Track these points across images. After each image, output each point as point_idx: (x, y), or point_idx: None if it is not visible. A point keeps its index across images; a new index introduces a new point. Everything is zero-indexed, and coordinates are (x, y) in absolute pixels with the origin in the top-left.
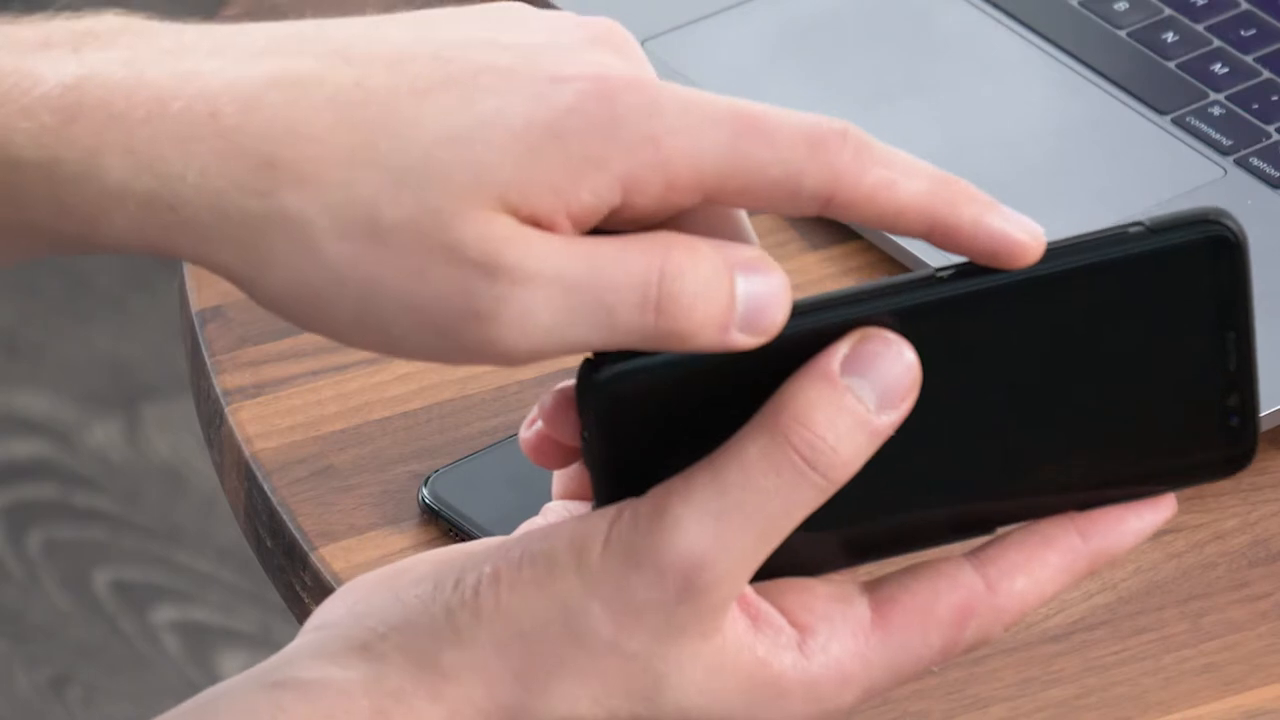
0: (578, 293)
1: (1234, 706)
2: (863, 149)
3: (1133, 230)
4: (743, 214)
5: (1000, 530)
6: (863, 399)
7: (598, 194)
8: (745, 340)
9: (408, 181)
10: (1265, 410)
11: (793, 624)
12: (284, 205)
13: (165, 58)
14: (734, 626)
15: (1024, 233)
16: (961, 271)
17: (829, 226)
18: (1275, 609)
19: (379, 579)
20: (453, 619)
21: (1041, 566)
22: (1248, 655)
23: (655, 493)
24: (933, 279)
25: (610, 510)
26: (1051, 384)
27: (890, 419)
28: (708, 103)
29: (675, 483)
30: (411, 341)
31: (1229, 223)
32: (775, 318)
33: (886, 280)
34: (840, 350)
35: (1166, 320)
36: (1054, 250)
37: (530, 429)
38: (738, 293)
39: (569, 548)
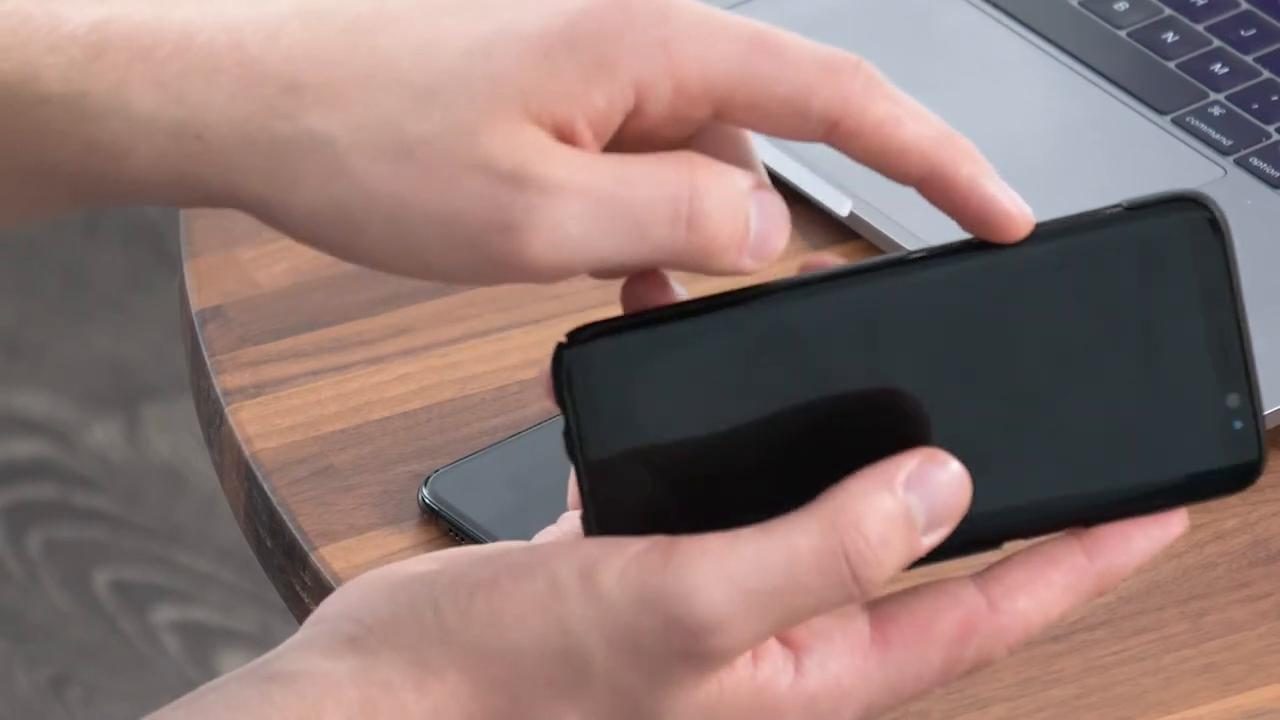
0: (608, 205)
1: (1234, 706)
2: (874, 82)
3: (1110, 211)
4: (750, 141)
5: (1007, 546)
6: (916, 519)
7: (610, 99)
8: (751, 265)
9: (431, 97)
10: (1266, 410)
11: (790, 640)
12: (310, 126)
13: None
14: (732, 669)
15: (1015, 205)
16: (933, 253)
17: (829, 226)
18: (1275, 609)
19: (378, 577)
20: (441, 618)
21: (1046, 586)
22: (1248, 655)
23: (687, 541)
24: (907, 260)
25: (631, 542)
26: (1038, 377)
27: (931, 540)
28: (721, 16)
29: (712, 541)
30: (442, 259)
31: (1209, 205)
32: (777, 246)
33: (859, 263)
34: (908, 465)
35: (1156, 314)
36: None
37: None
38: (750, 217)
39: (578, 571)
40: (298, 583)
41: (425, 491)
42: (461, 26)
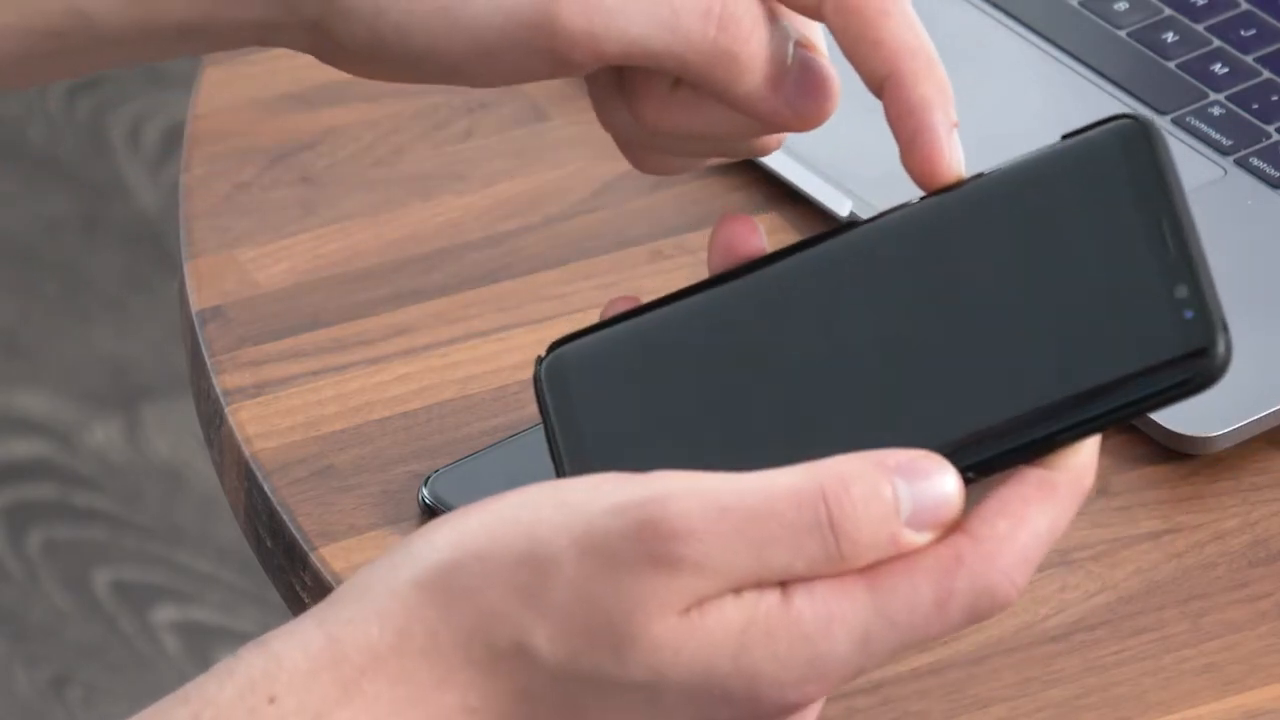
0: None
1: (1234, 706)
2: None
3: (1049, 144)
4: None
5: (977, 481)
6: (901, 503)
7: None
8: (788, 114)
9: None
10: (1265, 410)
11: (772, 581)
12: None
13: None
14: (714, 602)
15: (949, 149)
16: (883, 212)
17: (829, 226)
18: (1275, 609)
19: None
20: (409, 548)
21: (1020, 503)
22: (1248, 655)
23: (665, 471)
24: (852, 223)
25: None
26: (988, 305)
27: (911, 539)
28: None
29: (692, 473)
30: (478, 24)
31: (1134, 114)
32: (820, 103)
33: (807, 237)
34: (900, 454)
35: (1095, 223)
36: (954, 184)
37: None
38: (791, 71)
39: (550, 487)
40: (298, 583)
41: (425, 491)
42: None
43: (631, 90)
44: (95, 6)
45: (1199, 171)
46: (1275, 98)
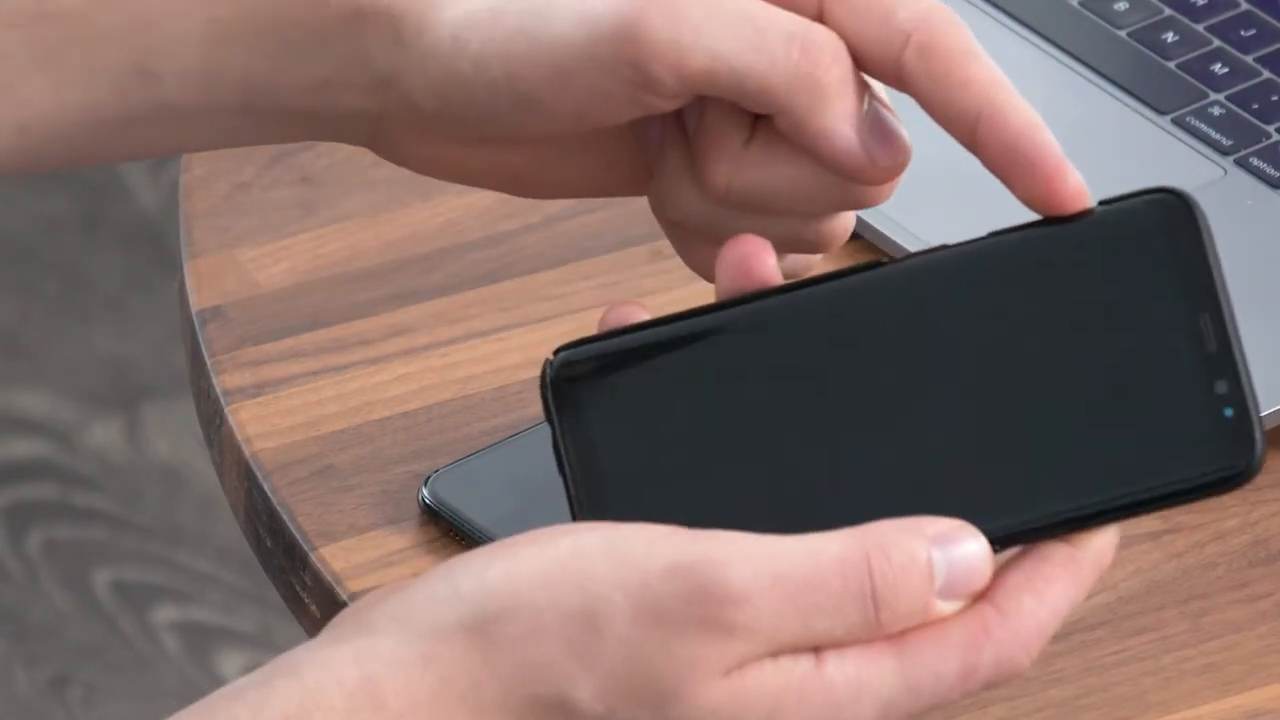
0: (729, 2)
1: (1234, 706)
2: (959, 21)
3: (1088, 208)
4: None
5: (1000, 552)
6: (936, 570)
7: None
8: (864, 158)
9: None
10: (1265, 410)
11: (808, 645)
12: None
13: None
14: (755, 664)
15: (1069, 166)
16: (915, 253)
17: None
18: (1275, 609)
19: (394, 584)
20: (455, 585)
21: (1046, 582)
22: (1248, 655)
23: (719, 531)
24: (884, 263)
25: (660, 526)
26: (1019, 376)
27: (942, 609)
28: None
29: (740, 534)
30: (560, 41)
31: (1179, 191)
32: (895, 159)
33: (837, 270)
34: (940, 523)
35: (1134, 305)
36: (998, 232)
37: None
38: (869, 115)
39: (603, 539)
40: (298, 583)
41: (425, 491)
42: None
43: (702, 153)
44: (162, 65)
45: (1199, 171)
46: (1275, 98)
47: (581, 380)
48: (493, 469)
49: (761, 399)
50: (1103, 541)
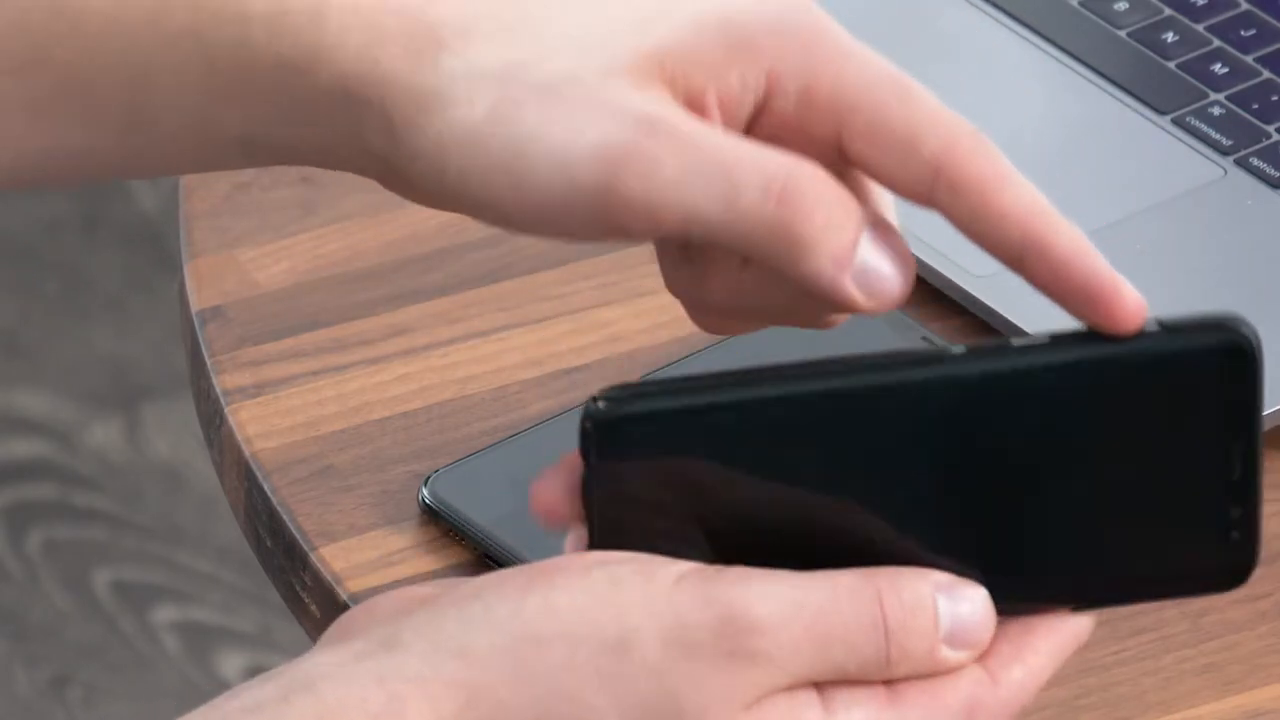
0: (707, 155)
1: (1234, 706)
2: (987, 146)
3: (1147, 329)
4: (881, 193)
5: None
6: (941, 619)
7: (744, 80)
8: (857, 296)
9: (589, 48)
10: (1265, 410)
11: (816, 685)
12: (471, 59)
13: None
14: (771, 698)
15: (1124, 284)
16: (973, 351)
17: None
18: (1275, 609)
19: (402, 592)
20: (490, 611)
21: (1033, 653)
22: (1248, 655)
23: (740, 567)
24: (946, 356)
25: (686, 561)
26: (1054, 472)
27: (946, 656)
28: (870, 52)
29: (759, 569)
30: (545, 188)
31: (1245, 331)
32: (891, 289)
33: (901, 351)
34: (943, 575)
35: (1173, 422)
36: (1059, 338)
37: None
38: (861, 250)
39: (637, 569)
40: (298, 583)
41: (425, 491)
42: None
43: (701, 263)
44: (160, 116)
45: (1199, 171)
46: (1275, 98)
47: (621, 429)
48: (493, 469)
49: (809, 480)
50: (1085, 621)
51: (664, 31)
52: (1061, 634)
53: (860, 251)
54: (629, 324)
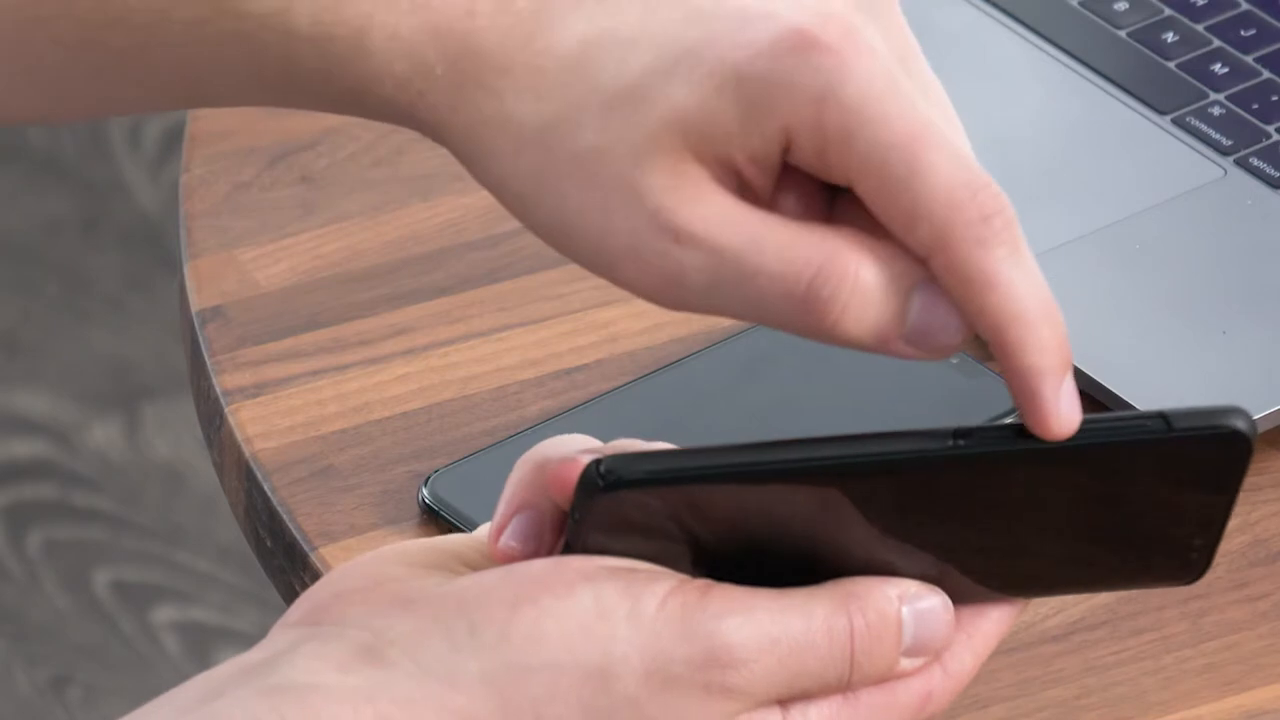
0: (731, 267)
1: (1234, 706)
2: (994, 234)
3: (1152, 424)
4: None
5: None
6: (905, 626)
7: (765, 139)
8: (910, 353)
9: (613, 108)
10: (1266, 410)
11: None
12: (509, 110)
13: None
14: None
15: (1056, 412)
16: (976, 435)
17: None
18: (1275, 609)
19: (374, 575)
20: (477, 632)
21: (984, 639)
22: (1248, 655)
23: (720, 587)
24: (946, 438)
25: (668, 575)
26: (1038, 527)
27: (905, 666)
28: (897, 102)
29: (738, 591)
30: (591, 253)
31: (1243, 425)
32: (944, 341)
33: (907, 432)
34: (904, 583)
35: (1163, 490)
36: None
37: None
38: (912, 312)
39: (622, 593)
40: (298, 583)
41: (425, 491)
42: (663, 30)
43: None
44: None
45: (1199, 171)
46: (1275, 98)
47: (619, 507)
48: (493, 469)
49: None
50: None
51: (683, 95)
52: (1008, 613)
53: (911, 313)
54: (628, 324)
